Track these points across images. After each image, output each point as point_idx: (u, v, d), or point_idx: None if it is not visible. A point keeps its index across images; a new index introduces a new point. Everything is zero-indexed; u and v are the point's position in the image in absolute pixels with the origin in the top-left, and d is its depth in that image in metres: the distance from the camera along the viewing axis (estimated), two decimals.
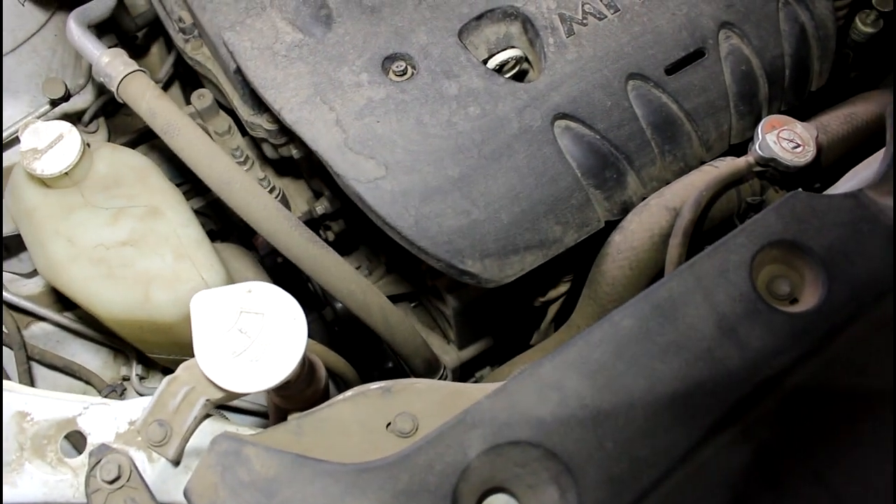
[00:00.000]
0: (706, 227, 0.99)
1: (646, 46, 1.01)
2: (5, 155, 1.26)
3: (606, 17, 1.03)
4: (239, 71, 1.07)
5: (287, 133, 1.15)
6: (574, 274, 1.14)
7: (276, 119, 1.13)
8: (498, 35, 1.05)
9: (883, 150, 0.87)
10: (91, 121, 1.35)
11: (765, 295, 0.77)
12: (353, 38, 1.02)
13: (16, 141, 1.27)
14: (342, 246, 1.40)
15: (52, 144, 1.02)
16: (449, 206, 0.95)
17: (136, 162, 1.08)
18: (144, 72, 1.02)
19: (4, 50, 1.21)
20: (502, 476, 0.74)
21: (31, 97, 1.29)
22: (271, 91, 1.00)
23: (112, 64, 1.01)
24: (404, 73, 1.00)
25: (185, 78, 1.55)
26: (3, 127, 1.25)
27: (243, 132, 1.28)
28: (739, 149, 1.06)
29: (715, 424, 0.73)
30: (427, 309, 1.32)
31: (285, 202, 1.28)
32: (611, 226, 1.03)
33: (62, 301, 1.23)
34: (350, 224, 1.34)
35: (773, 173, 0.97)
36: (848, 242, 0.78)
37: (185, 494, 0.73)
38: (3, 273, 1.20)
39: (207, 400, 0.78)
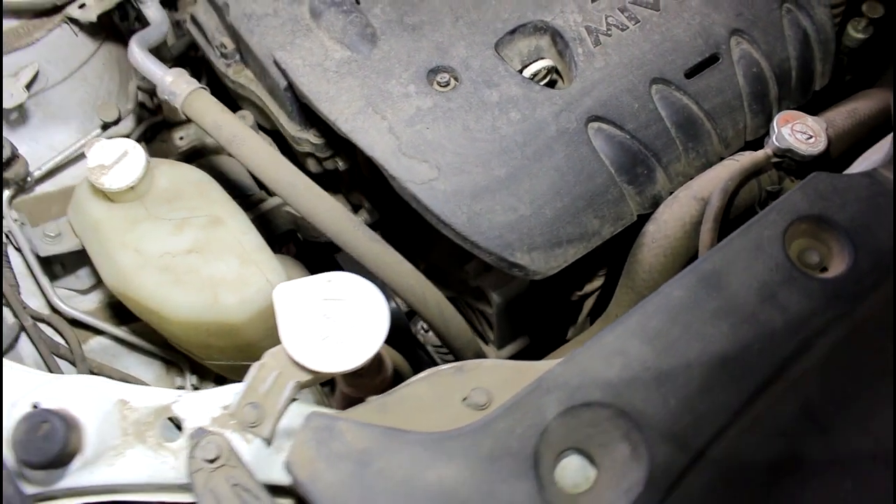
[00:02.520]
0: (731, 216, 1.08)
1: (666, 53, 1.11)
2: (60, 177, 1.32)
3: (628, 27, 1.12)
4: (290, 88, 1.16)
5: (333, 146, 1.23)
6: (607, 268, 1.22)
7: (322, 133, 1.21)
8: (530, 48, 1.14)
9: (890, 135, 0.97)
10: None
11: (798, 265, 0.86)
12: (397, 53, 1.11)
13: (68, 165, 1.35)
14: None
15: (118, 160, 1.09)
16: (498, 203, 1.03)
17: (195, 176, 1.15)
18: (206, 88, 1.09)
19: (59, 78, 1.28)
20: (576, 437, 0.81)
21: (79, 123, 1.35)
22: (325, 104, 1.08)
23: (176, 82, 1.09)
24: (448, 83, 1.09)
25: None
26: (58, 152, 1.31)
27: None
28: (753, 146, 1.15)
29: (765, 380, 0.80)
30: (464, 313, 1.39)
31: None
32: (642, 219, 1.11)
33: (117, 317, 1.29)
34: (388, 234, 1.41)
35: (790, 164, 1.06)
36: (868, 215, 0.87)
37: (287, 467, 0.79)
38: (61, 290, 1.25)
39: (297, 382, 0.85)
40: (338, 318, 0.85)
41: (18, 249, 1.22)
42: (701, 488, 0.78)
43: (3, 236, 1.20)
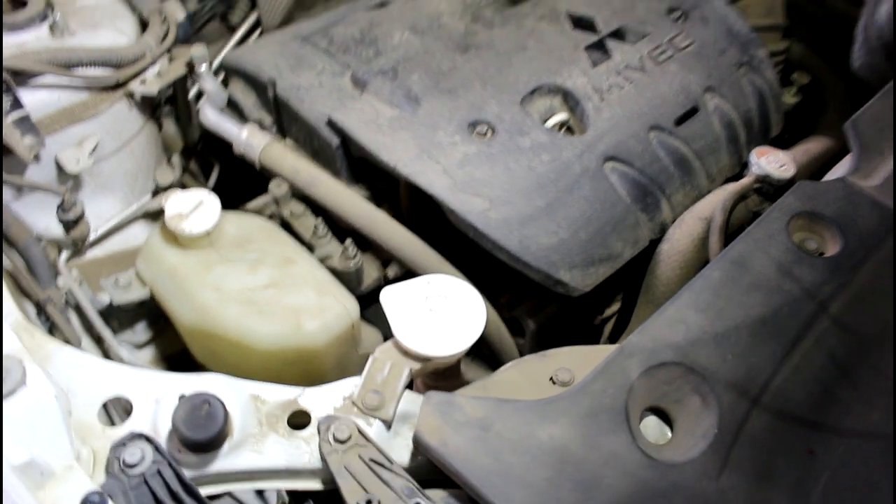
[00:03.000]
0: (729, 232, 1.30)
1: (657, 106, 1.36)
2: (107, 244, 1.41)
3: (625, 87, 1.37)
4: (342, 145, 1.32)
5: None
6: (623, 293, 1.41)
7: (369, 187, 1.37)
8: (545, 105, 1.37)
9: (845, 158, 1.22)
10: None
11: (802, 249, 1.07)
12: (440, 111, 1.30)
13: (114, 232, 1.44)
14: None
15: (195, 209, 1.21)
16: (541, 228, 1.21)
17: (260, 223, 1.28)
18: (278, 139, 1.24)
19: (112, 150, 1.39)
20: (655, 395, 0.96)
21: (123, 195, 1.46)
22: (385, 153, 1.25)
23: (252, 136, 1.23)
24: (486, 133, 1.28)
25: None
26: (105, 220, 1.41)
27: (314, 212, 1.49)
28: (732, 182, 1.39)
29: (796, 336, 0.99)
30: None
31: (361, 271, 1.48)
32: (652, 245, 1.31)
33: (173, 369, 1.35)
34: None
35: (768, 189, 1.30)
36: (848, 208, 1.10)
37: (416, 436, 0.90)
38: (120, 343, 1.31)
39: (410, 369, 0.97)
40: (442, 312, 0.99)
41: (76, 308, 1.29)
42: (762, 428, 0.94)
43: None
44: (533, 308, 1.35)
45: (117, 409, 0.98)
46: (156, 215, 1.52)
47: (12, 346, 0.86)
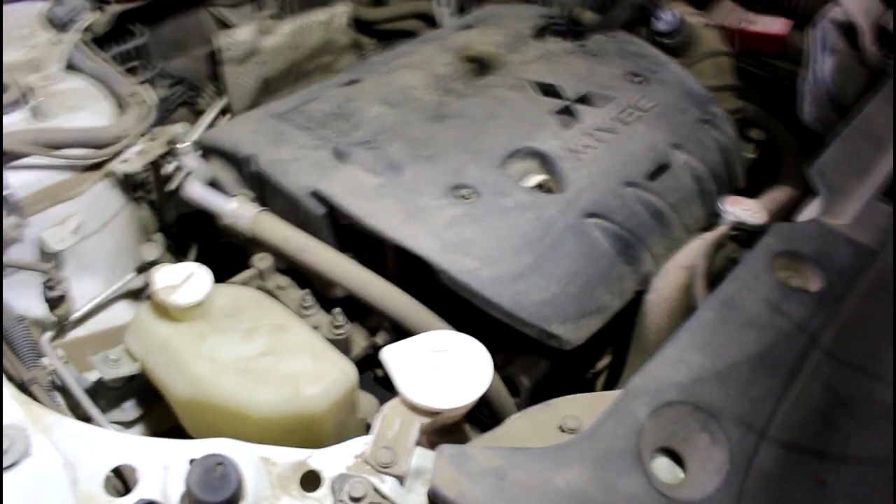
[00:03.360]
0: (710, 280, 1.34)
1: (629, 163, 1.42)
2: (90, 323, 1.38)
3: (597, 147, 1.43)
4: (328, 214, 1.33)
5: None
6: (613, 347, 1.43)
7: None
8: (523, 167, 1.41)
9: (811, 203, 1.29)
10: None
11: (787, 286, 1.11)
12: (423, 177, 1.34)
13: (95, 312, 1.41)
14: None
15: (185, 280, 1.19)
16: (532, 284, 1.23)
17: (250, 293, 1.27)
18: (267, 209, 1.25)
19: (94, 229, 1.38)
20: (664, 435, 0.97)
21: (105, 275, 1.44)
22: (372, 218, 1.27)
23: (242, 207, 1.24)
24: (470, 196, 1.32)
25: None
26: (87, 300, 1.38)
27: (300, 286, 1.49)
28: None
29: (793, 369, 1.02)
30: None
31: (349, 340, 1.47)
32: (637, 296, 1.34)
33: None
34: None
35: (743, 235, 1.36)
36: (824, 246, 1.16)
37: (433, 489, 0.89)
38: (108, 423, 1.26)
39: (420, 423, 0.96)
40: (447, 366, 0.99)
41: (61, 388, 1.25)
42: (772, 461, 0.95)
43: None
44: (526, 366, 1.36)
45: (116, 487, 0.94)
46: (138, 294, 1.49)
47: (15, 416, 0.82)
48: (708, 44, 1.68)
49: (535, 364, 1.36)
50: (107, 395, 1.29)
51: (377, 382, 1.45)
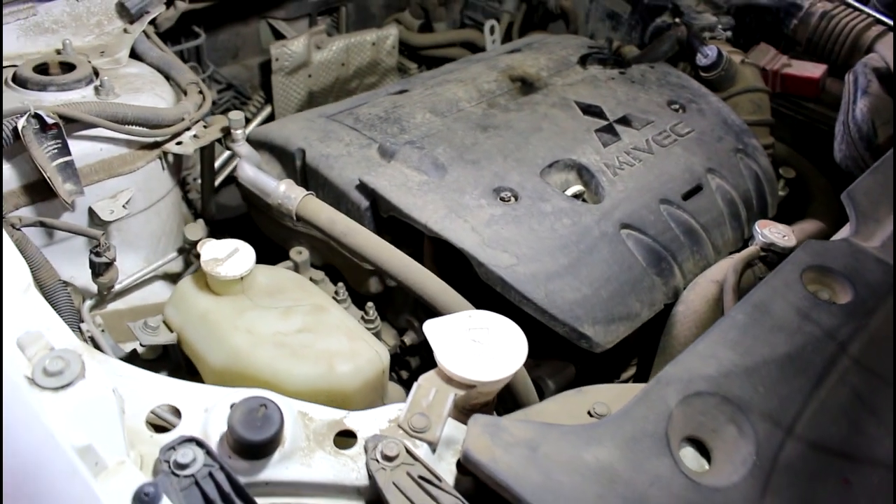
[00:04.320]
0: (739, 297, 1.36)
1: (665, 182, 1.46)
2: (129, 297, 1.41)
3: (635, 165, 1.47)
4: (371, 207, 1.38)
5: None
6: (638, 358, 1.44)
7: None
8: (561, 178, 1.46)
9: (842, 229, 1.32)
10: None
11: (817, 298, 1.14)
12: (466, 178, 1.38)
13: (135, 288, 1.45)
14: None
15: (230, 255, 1.23)
16: (566, 284, 1.26)
17: (291, 275, 1.31)
18: (312, 194, 1.30)
19: (141, 207, 1.43)
20: (692, 424, 0.98)
21: (146, 253, 1.49)
22: (415, 211, 1.31)
23: (290, 189, 1.29)
24: (510, 199, 1.36)
25: None
26: (127, 276, 1.42)
27: (333, 280, 1.52)
28: None
29: (821, 373, 1.04)
30: None
31: (379, 335, 1.49)
32: (666, 309, 1.37)
33: None
34: (426, 359, 1.56)
35: (773, 258, 1.38)
36: (855, 263, 1.18)
37: (465, 453, 0.90)
38: None
39: (455, 394, 0.98)
40: (485, 342, 1.02)
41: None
42: (797, 457, 0.96)
43: None
44: (553, 370, 1.38)
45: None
46: (177, 277, 1.54)
47: (71, 342, 0.86)
48: (746, 80, 1.74)
49: (562, 369, 1.38)
50: (140, 367, 1.32)
51: (400, 384, 1.47)
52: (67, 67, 1.43)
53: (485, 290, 1.29)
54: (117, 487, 0.75)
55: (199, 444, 0.83)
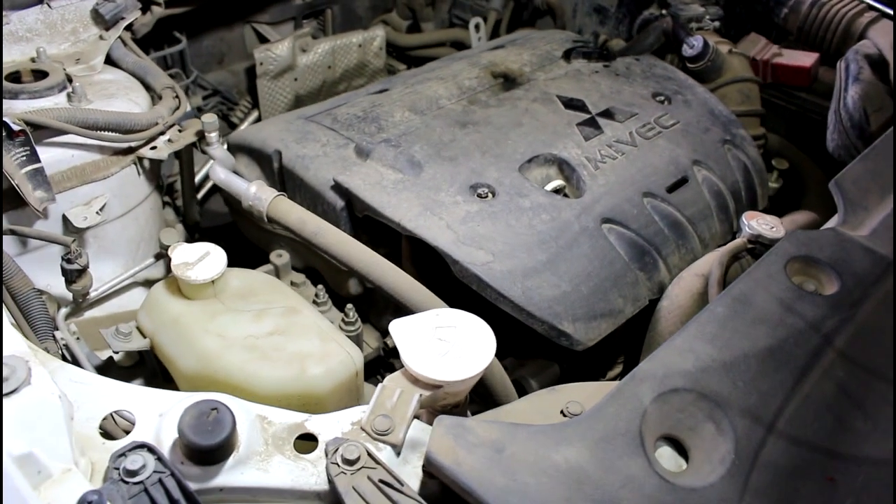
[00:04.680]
0: (723, 287, 1.32)
1: (649, 175, 1.42)
2: (106, 305, 1.40)
3: (617, 157, 1.44)
4: (347, 207, 1.35)
5: None
6: (624, 356, 1.41)
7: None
8: (542, 173, 1.42)
9: (831, 219, 1.28)
10: None
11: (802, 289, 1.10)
12: (442, 175, 1.35)
13: (112, 295, 1.44)
14: None
15: (200, 258, 1.21)
16: (544, 281, 1.23)
17: (264, 277, 1.29)
18: (284, 194, 1.27)
19: (118, 214, 1.42)
20: (668, 422, 0.94)
21: (124, 260, 1.47)
22: (389, 209, 1.28)
23: (261, 190, 1.27)
24: (487, 195, 1.33)
25: None
26: (104, 283, 1.40)
27: (314, 283, 1.50)
28: None
29: (804, 367, 0.99)
30: None
31: (360, 337, 1.47)
32: (651, 305, 1.33)
33: None
34: None
35: (760, 249, 1.34)
36: (841, 253, 1.14)
37: (428, 456, 0.87)
38: None
39: (420, 395, 0.95)
40: (452, 340, 0.99)
41: (73, 362, 1.26)
42: (779, 455, 0.92)
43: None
44: (536, 370, 1.34)
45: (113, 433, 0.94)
46: (154, 283, 1.51)
47: (18, 348, 0.84)
48: (734, 70, 1.70)
49: (545, 368, 1.35)
50: (115, 374, 1.30)
51: None
52: (40, 75, 1.42)
53: (465, 290, 1.26)
54: (59, 496, 0.73)
55: (151, 450, 0.81)
